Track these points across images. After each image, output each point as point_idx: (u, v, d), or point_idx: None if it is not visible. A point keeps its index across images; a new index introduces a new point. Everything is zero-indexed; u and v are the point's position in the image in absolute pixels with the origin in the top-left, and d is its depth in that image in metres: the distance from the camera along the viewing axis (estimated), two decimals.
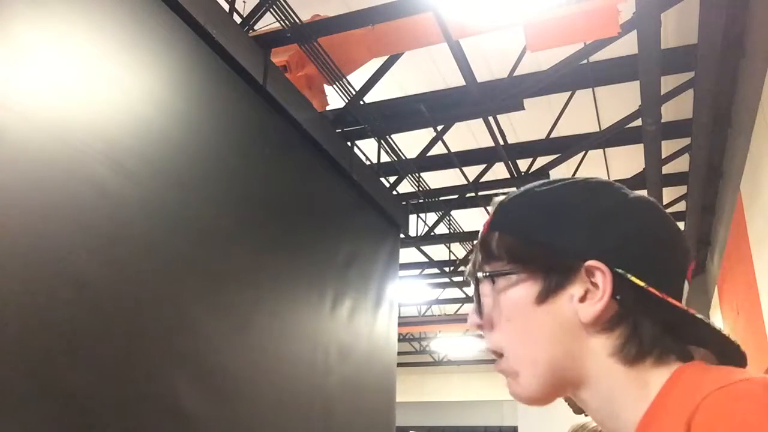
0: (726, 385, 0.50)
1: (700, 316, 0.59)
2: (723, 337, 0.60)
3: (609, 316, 0.59)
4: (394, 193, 5.15)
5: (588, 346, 0.60)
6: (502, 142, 4.57)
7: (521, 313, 0.62)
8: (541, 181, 0.68)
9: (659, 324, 0.59)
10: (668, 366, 0.59)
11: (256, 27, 3.43)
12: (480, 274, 0.65)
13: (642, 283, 0.58)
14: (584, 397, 0.62)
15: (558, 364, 0.61)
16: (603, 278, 0.58)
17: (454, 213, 6.59)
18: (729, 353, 0.62)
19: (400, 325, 4.80)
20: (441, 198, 5.88)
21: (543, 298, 0.61)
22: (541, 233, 0.62)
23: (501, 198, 0.69)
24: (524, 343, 0.62)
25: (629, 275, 0.58)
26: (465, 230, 6.76)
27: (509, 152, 4.82)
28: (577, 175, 0.68)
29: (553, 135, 5.02)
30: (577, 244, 0.61)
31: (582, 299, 0.60)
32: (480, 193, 5.52)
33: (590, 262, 0.59)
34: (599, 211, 0.62)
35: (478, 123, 4.62)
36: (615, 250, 0.60)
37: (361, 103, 4.16)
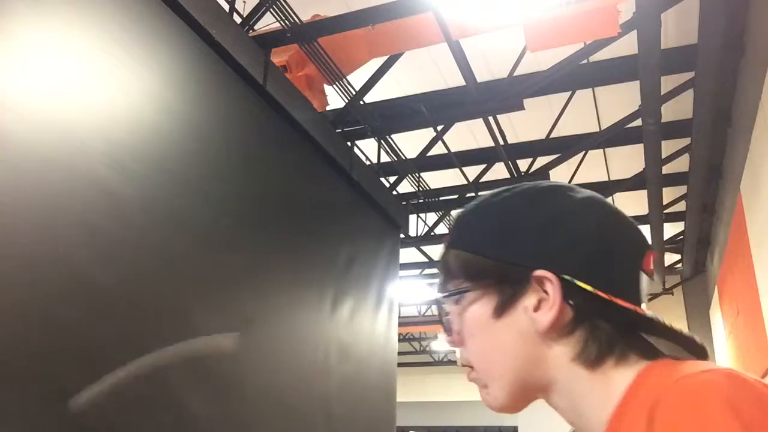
0: (688, 375, 0.51)
1: (648, 313, 0.60)
2: (675, 332, 0.61)
3: (566, 321, 0.60)
4: (394, 193, 5.15)
5: (549, 353, 0.61)
6: (502, 142, 4.57)
7: (482, 329, 0.63)
8: (492, 192, 0.68)
9: (616, 324, 0.60)
10: (630, 364, 0.59)
11: (256, 27, 3.43)
12: (440, 295, 0.67)
13: (589, 288, 0.59)
14: (554, 401, 0.63)
15: (523, 374, 0.62)
16: (552, 287, 0.59)
17: (454, 213, 6.58)
18: (690, 348, 0.62)
19: (400, 325, 4.80)
20: (441, 198, 5.88)
21: (500, 312, 0.62)
22: (491, 248, 0.63)
23: (457, 212, 0.70)
24: (488, 357, 0.64)
25: (576, 281, 0.59)
26: None
27: (509, 152, 4.82)
28: (541, 180, 0.69)
29: (553, 135, 5.02)
30: (524, 254, 0.62)
31: (536, 309, 0.61)
32: (480, 193, 5.51)
33: (538, 272, 0.60)
34: (543, 219, 0.63)
35: (478, 123, 4.62)
36: (561, 256, 0.60)
37: (361, 103, 4.17)
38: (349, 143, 4.15)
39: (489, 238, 0.64)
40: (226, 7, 3.22)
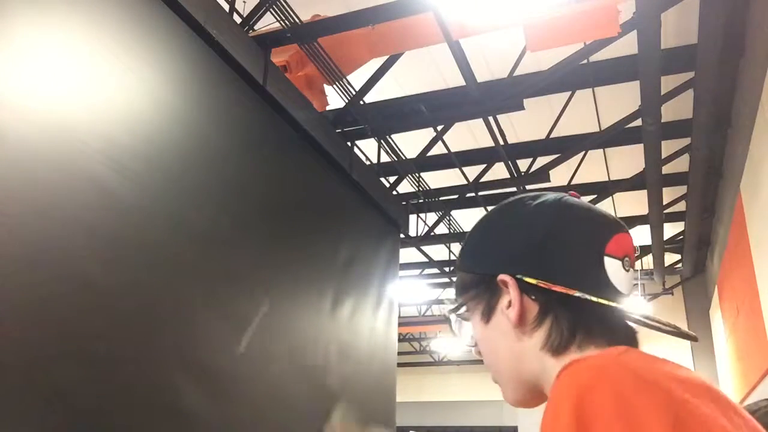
0: (580, 359, 0.60)
1: (593, 298, 0.64)
2: (637, 318, 0.67)
3: (533, 316, 0.67)
4: (394, 193, 5.15)
5: (526, 346, 0.68)
6: (502, 142, 4.57)
7: (480, 335, 0.73)
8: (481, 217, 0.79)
9: (574, 313, 0.65)
10: (592, 350, 0.64)
11: (256, 27, 3.43)
12: (452, 315, 0.77)
13: (533, 281, 0.66)
14: (547, 392, 0.67)
15: (515, 369, 0.70)
16: (510, 286, 0.68)
17: (454, 213, 6.59)
18: (652, 326, 0.67)
19: (400, 325, 4.81)
20: (441, 198, 5.88)
21: (486, 317, 0.71)
22: (472, 263, 0.74)
23: None
24: (490, 359, 0.73)
25: (525, 278, 0.66)
26: (465, 230, 6.75)
27: (509, 152, 4.82)
28: (533, 189, 0.78)
29: (553, 135, 5.02)
30: (491, 263, 0.71)
31: (507, 307, 0.68)
32: (480, 193, 5.52)
33: (500, 276, 0.68)
34: (503, 228, 0.73)
35: (478, 123, 4.62)
36: (514, 258, 0.69)
37: (361, 103, 4.16)
38: (349, 143, 4.15)
39: (470, 255, 0.75)
40: (226, 7, 3.22)
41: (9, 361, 1.67)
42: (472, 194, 5.62)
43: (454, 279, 0.79)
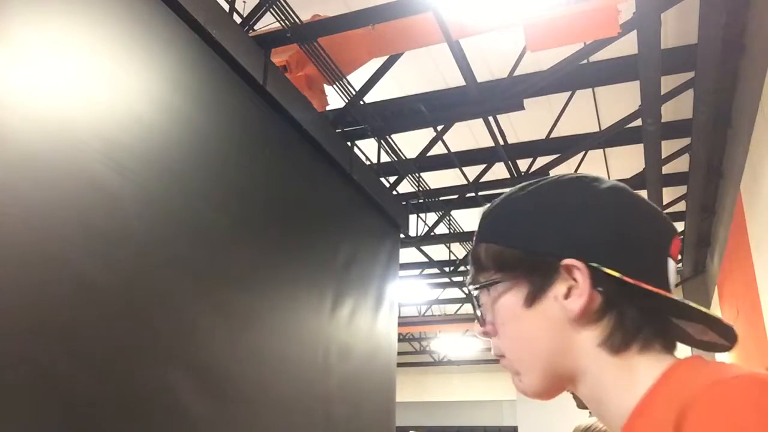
0: (719, 380, 0.51)
1: (678, 298, 0.61)
2: (708, 316, 0.62)
3: (595, 308, 0.62)
4: (394, 193, 5.15)
5: (578, 339, 0.62)
6: (502, 142, 4.57)
7: (513, 318, 0.66)
8: (518, 186, 0.70)
9: (642, 311, 0.62)
10: (654, 354, 0.61)
11: (256, 27, 3.43)
12: (472, 287, 0.69)
13: (617, 274, 0.60)
14: (580, 389, 0.64)
15: (552, 360, 0.64)
16: (580, 274, 0.61)
17: (454, 213, 6.59)
18: (717, 330, 0.63)
19: (400, 325, 4.80)
20: (441, 198, 5.88)
21: (530, 301, 0.64)
22: (521, 239, 0.65)
23: (485, 207, 0.72)
24: (520, 345, 0.66)
25: (604, 268, 0.60)
26: (465, 230, 6.76)
27: (509, 152, 4.82)
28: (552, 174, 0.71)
29: (553, 135, 5.02)
30: (552, 244, 0.63)
31: (566, 296, 0.62)
32: (480, 193, 5.52)
33: (567, 261, 0.62)
34: (569, 209, 0.65)
35: (478, 123, 4.62)
36: (588, 244, 0.62)
37: (361, 103, 4.16)
38: (349, 143, 4.15)
39: (517, 230, 0.66)
40: (226, 7, 3.22)
41: (7, 360, 1.67)
42: (472, 194, 5.62)
43: (483, 247, 0.68)
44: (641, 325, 0.61)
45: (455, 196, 5.90)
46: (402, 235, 4.90)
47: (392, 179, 5.19)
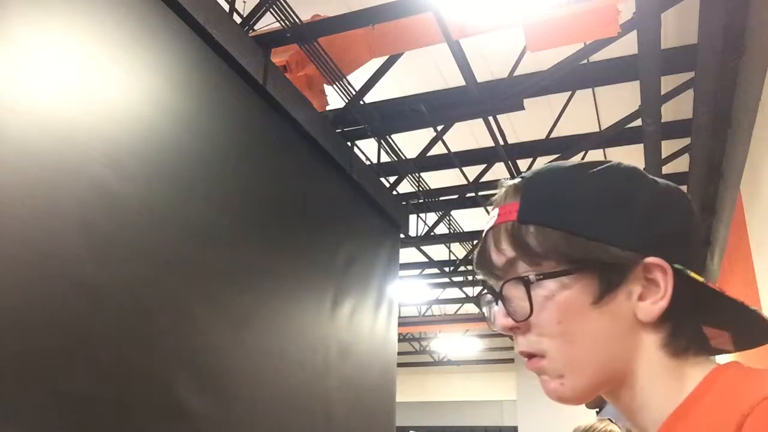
0: None
1: (739, 300, 0.58)
2: (747, 309, 0.59)
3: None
4: (394, 193, 5.15)
5: (640, 341, 0.58)
6: (502, 142, 4.57)
7: (575, 316, 0.57)
8: (568, 165, 0.62)
9: (700, 317, 0.59)
10: (703, 359, 0.58)
11: (256, 27, 3.43)
12: (531, 276, 0.58)
13: (701, 279, 0.56)
14: (622, 394, 0.60)
15: (608, 362, 0.58)
16: (663, 275, 0.56)
17: (454, 213, 6.59)
18: (747, 334, 0.61)
19: (400, 325, 4.81)
20: (441, 198, 5.88)
21: (599, 298, 0.57)
22: (596, 228, 0.57)
23: (517, 182, 0.62)
24: (577, 346, 0.58)
25: (687, 271, 0.56)
26: (465, 230, 6.76)
27: (509, 152, 4.82)
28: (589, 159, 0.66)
29: (553, 135, 5.02)
30: (631, 239, 0.57)
31: (641, 297, 0.57)
32: (480, 193, 5.52)
33: (650, 259, 0.56)
34: (644, 202, 0.59)
35: (478, 123, 4.62)
36: (669, 244, 0.57)
37: (361, 103, 4.16)
38: (349, 143, 4.15)
39: (591, 217, 0.58)
40: (226, 7, 3.22)
41: (6, 360, 1.67)
42: (472, 194, 5.62)
43: (534, 230, 0.58)
44: (698, 332, 0.59)
45: (455, 196, 5.90)
46: (402, 235, 4.90)
47: (392, 179, 5.19)
